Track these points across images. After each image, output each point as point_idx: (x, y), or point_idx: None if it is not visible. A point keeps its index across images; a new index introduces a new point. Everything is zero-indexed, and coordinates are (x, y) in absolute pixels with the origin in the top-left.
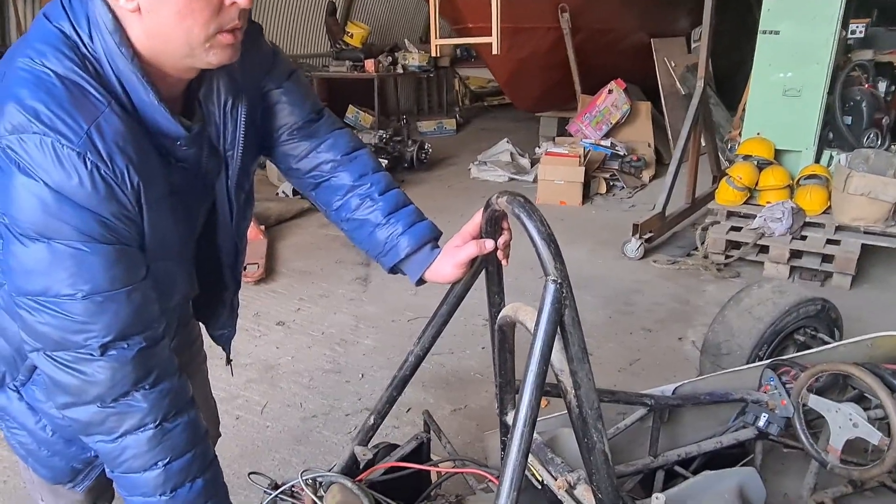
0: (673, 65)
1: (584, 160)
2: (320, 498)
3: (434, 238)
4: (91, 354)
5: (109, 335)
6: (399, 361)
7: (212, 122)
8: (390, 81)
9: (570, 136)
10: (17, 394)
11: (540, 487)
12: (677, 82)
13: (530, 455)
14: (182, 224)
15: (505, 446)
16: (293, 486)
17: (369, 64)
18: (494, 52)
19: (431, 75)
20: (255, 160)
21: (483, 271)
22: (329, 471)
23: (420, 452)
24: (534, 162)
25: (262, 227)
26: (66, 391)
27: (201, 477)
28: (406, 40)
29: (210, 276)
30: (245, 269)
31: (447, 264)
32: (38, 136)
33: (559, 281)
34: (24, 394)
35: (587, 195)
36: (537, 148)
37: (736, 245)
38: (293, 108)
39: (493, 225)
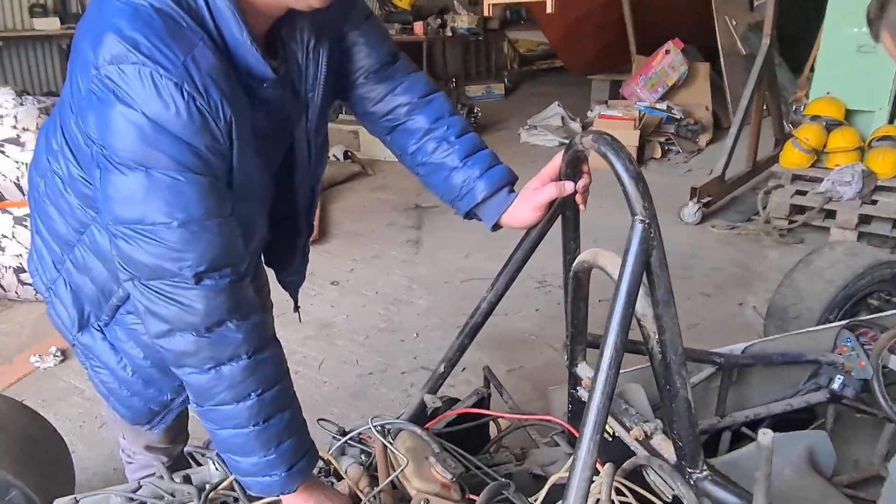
0: (734, 23)
1: (639, 123)
2: (391, 443)
3: (511, 182)
4: (186, 283)
5: (202, 265)
6: (453, 323)
7: (294, 62)
8: (438, 44)
9: (624, 99)
10: (101, 333)
11: (611, 440)
12: (738, 42)
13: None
14: (264, 165)
15: (572, 399)
16: (361, 432)
17: (418, 27)
18: (549, 10)
19: (480, 38)
20: (332, 104)
21: (560, 217)
22: (398, 418)
23: (480, 406)
24: (585, 126)
25: None
26: (164, 320)
27: (289, 409)
28: (455, 2)
29: (285, 221)
30: None
31: (525, 207)
32: (137, 66)
33: (647, 221)
34: (107, 333)
35: (641, 160)
36: (589, 112)
37: (800, 210)
38: (370, 50)
39: (574, 167)
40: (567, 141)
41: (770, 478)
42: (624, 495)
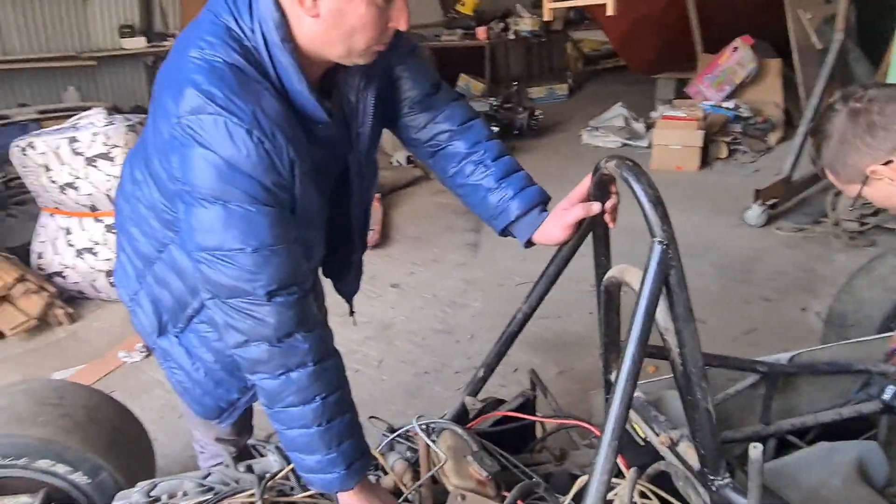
0: (808, 17)
1: (704, 123)
2: (433, 441)
3: (543, 202)
4: (260, 301)
5: (273, 284)
6: (505, 325)
7: (346, 102)
8: (501, 48)
9: (689, 98)
10: (177, 339)
11: (643, 444)
12: (812, 35)
13: (634, 413)
14: (322, 194)
15: (608, 404)
16: (408, 430)
17: (480, 31)
18: (609, 12)
19: (543, 40)
20: (381, 133)
21: (591, 234)
22: (441, 418)
23: (525, 408)
24: (649, 126)
25: (378, 195)
26: (241, 332)
27: (349, 413)
28: (518, 5)
29: (341, 239)
30: None
31: (555, 226)
32: (213, 116)
33: (665, 242)
34: (182, 340)
35: (706, 160)
36: (652, 112)
37: (874, 212)
38: (414, 82)
39: (601, 188)
40: (630, 142)
41: (761, 489)
42: (648, 498)
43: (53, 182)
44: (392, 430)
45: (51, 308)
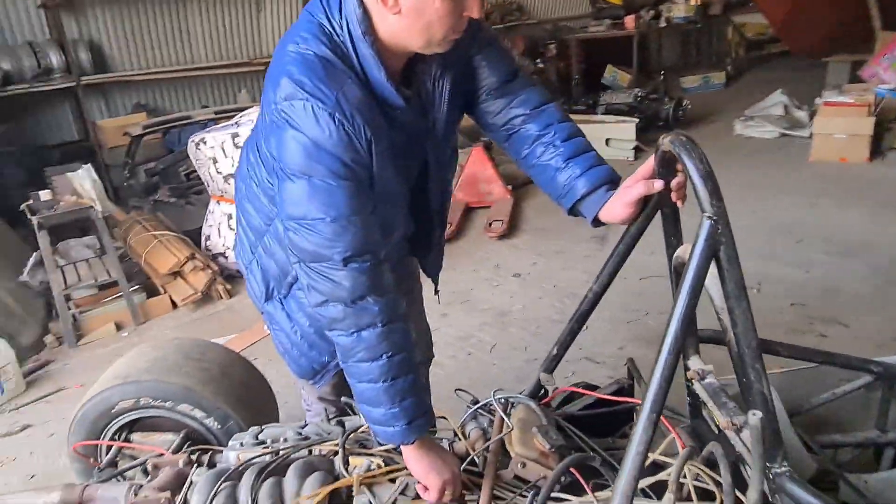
0: None
1: (875, 110)
2: (508, 414)
3: (610, 181)
4: (337, 266)
5: (349, 251)
6: (623, 318)
7: (424, 90)
8: (653, 37)
9: (864, 82)
10: (280, 304)
11: (717, 433)
12: None
13: (710, 400)
14: (400, 174)
15: (688, 391)
16: (488, 403)
17: (629, 20)
18: None
19: (699, 26)
20: (459, 119)
21: (660, 213)
22: (519, 394)
23: (620, 396)
24: (813, 115)
25: (510, 188)
26: (321, 293)
27: (412, 374)
28: None
29: (422, 219)
30: (490, 224)
31: (618, 204)
32: (303, 101)
33: (715, 218)
34: (285, 304)
35: (878, 150)
36: (817, 99)
37: None
38: (492, 71)
39: (665, 166)
40: (789, 132)
41: (764, 460)
42: (703, 482)
43: (219, 173)
44: (475, 402)
45: (213, 284)
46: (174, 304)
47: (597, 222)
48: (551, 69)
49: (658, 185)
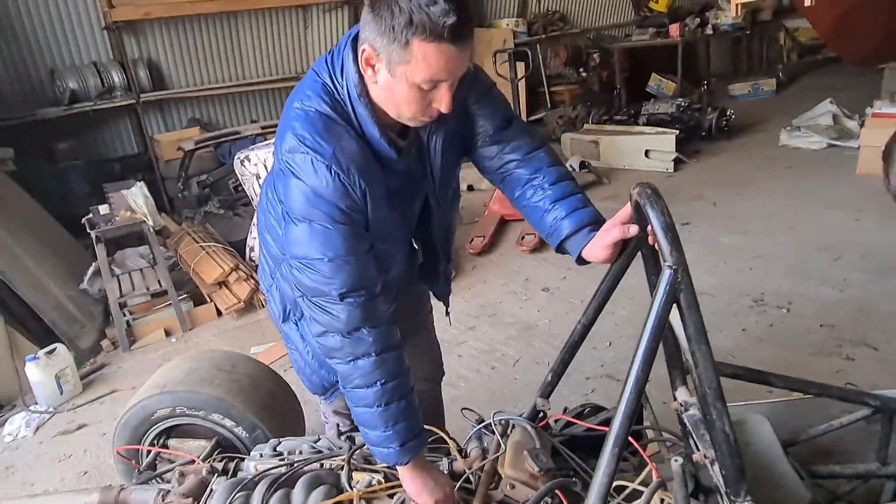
0: None
1: None
2: (506, 435)
3: (593, 223)
4: (334, 300)
5: (345, 287)
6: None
7: (419, 141)
8: (700, 44)
9: None
10: (295, 325)
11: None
12: None
13: (692, 431)
14: (398, 215)
15: (678, 419)
16: (488, 423)
17: (674, 28)
18: (807, 3)
19: (748, 32)
20: (458, 164)
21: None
22: (519, 416)
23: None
24: (863, 124)
25: None
26: (321, 324)
27: (405, 399)
28: None
29: (428, 252)
30: (523, 238)
31: (598, 246)
32: (304, 154)
33: (675, 267)
34: (299, 326)
35: None
36: (868, 108)
37: None
38: (487, 119)
39: (639, 212)
40: (837, 142)
41: (687, 500)
42: None
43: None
44: (480, 422)
45: (255, 294)
46: (219, 313)
47: (581, 260)
48: (594, 78)
49: (633, 230)
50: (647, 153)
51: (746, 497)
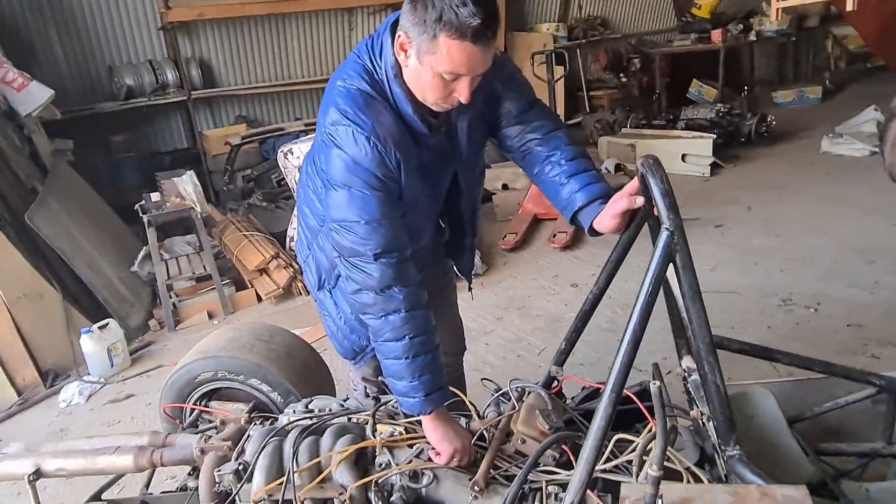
0: None
1: None
2: (521, 400)
3: (604, 196)
4: (368, 260)
5: (379, 248)
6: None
7: (448, 122)
8: (744, 50)
9: None
10: (329, 293)
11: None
12: None
13: (694, 394)
14: (428, 188)
15: (685, 387)
16: (506, 391)
17: (716, 34)
18: (849, 8)
19: (794, 39)
20: (483, 145)
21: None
22: (535, 384)
23: (642, 396)
24: None
25: None
26: (356, 282)
27: (431, 354)
28: (764, 4)
29: (455, 227)
30: (555, 236)
31: (607, 216)
32: (345, 127)
33: (671, 229)
34: (333, 294)
35: None
36: None
37: None
38: (511, 101)
39: (645, 183)
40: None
41: (665, 418)
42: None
43: None
44: (498, 390)
45: (294, 281)
46: (259, 298)
47: (592, 231)
48: (633, 83)
49: (639, 200)
50: (683, 157)
51: (735, 446)
